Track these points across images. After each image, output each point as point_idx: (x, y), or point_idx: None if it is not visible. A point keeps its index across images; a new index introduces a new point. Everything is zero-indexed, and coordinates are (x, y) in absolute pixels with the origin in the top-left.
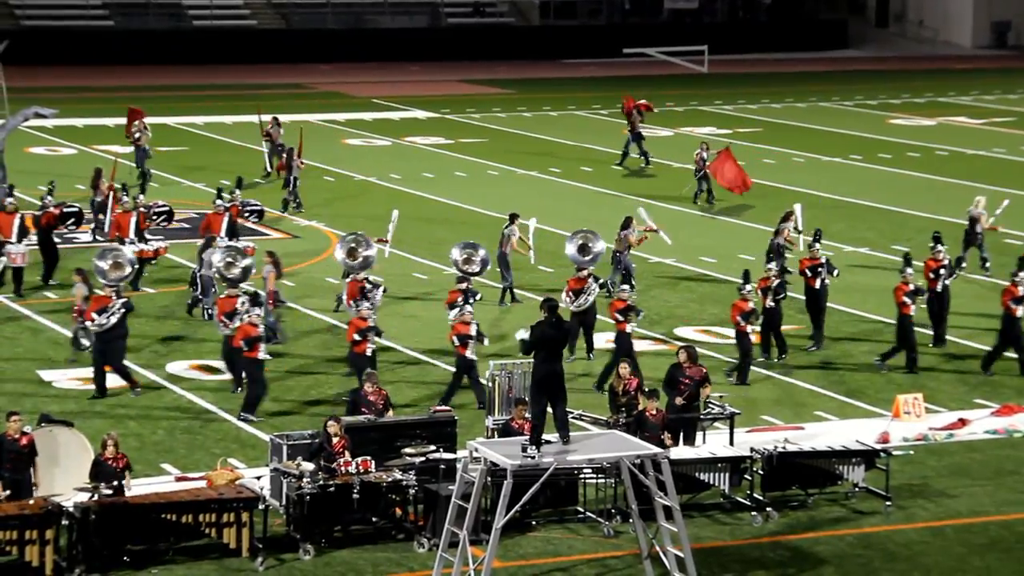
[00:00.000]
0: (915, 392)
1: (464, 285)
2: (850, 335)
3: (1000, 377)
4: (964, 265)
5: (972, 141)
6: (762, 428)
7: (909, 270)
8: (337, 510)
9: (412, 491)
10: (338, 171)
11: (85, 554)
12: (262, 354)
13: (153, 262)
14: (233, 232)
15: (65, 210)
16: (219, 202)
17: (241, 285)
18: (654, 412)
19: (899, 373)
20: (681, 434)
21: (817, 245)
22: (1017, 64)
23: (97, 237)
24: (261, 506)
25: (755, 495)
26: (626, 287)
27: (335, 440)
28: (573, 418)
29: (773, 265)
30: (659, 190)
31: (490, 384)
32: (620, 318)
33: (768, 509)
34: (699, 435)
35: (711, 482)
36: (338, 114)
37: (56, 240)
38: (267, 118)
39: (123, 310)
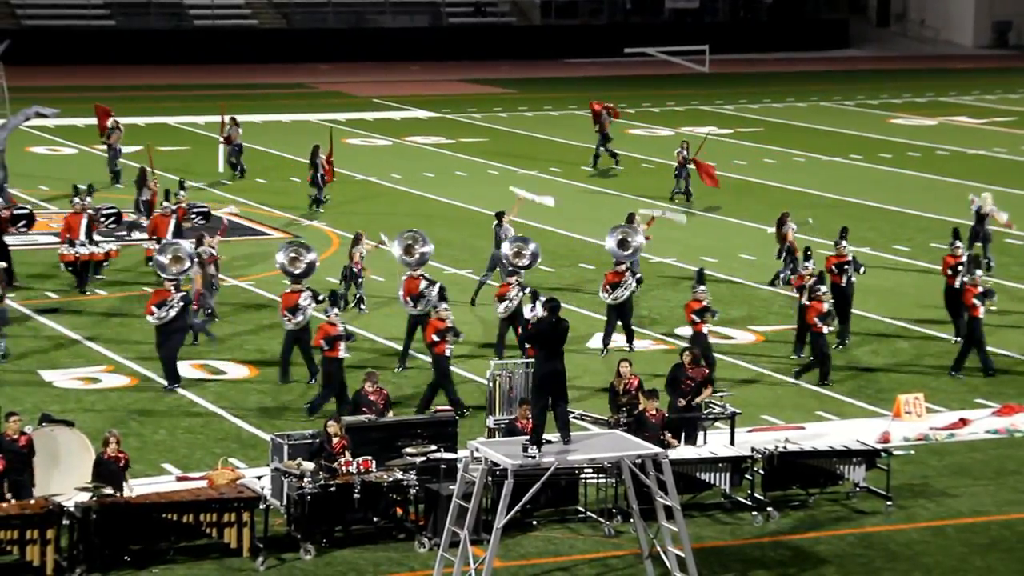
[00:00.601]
0: (916, 392)
1: (515, 279)
2: (852, 333)
3: (1000, 376)
4: (989, 264)
5: (973, 141)
6: (763, 428)
7: (979, 272)
8: (338, 510)
9: (413, 491)
10: (339, 171)
11: (86, 554)
12: (342, 352)
13: (105, 264)
14: (179, 234)
15: (15, 212)
16: (166, 204)
17: (304, 280)
18: (654, 412)
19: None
20: (683, 434)
21: (844, 243)
22: (1018, 64)
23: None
24: (262, 506)
25: (756, 495)
26: (702, 287)
27: (335, 440)
28: (574, 418)
29: (811, 264)
30: (659, 189)
31: (491, 384)
32: (696, 319)
33: (769, 509)
34: (700, 435)
35: (712, 482)
36: (339, 114)
37: (8, 241)
38: (227, 118)
39: (182, 303)
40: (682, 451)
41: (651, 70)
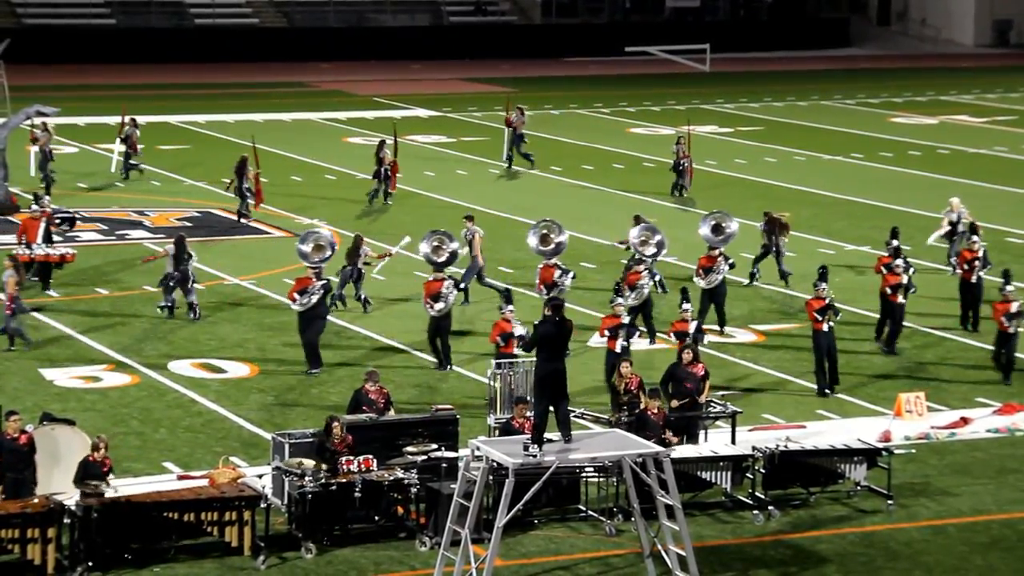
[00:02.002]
0: (917, 391)
1: (643, 267)
2: (851, 334)
3: (1000, 376)
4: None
5: (974, 139)
6: (764, 427)
7: (1009, 287)
8: (339, 509)
9: (414, 490)
10: (340, 170)
11: (87, 553)
12: (516, 349)
13: (59, 267)
14: (48, 238)
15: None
16: (35, 207)
17: (448, 269)
18: (655, 411)
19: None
20: (684, 434)
21: (895, 242)
22: (1019, 62)
23: (244, 223)
24: (263, 505)
25: (757, 494)
26: (823, 284)
27: (337, 440)
28: (575, 417)
29: (900, 261)
30: (659, 188)
31: (491, 383)
32: (819, 317)
33: (770, 508)
34: (701, 434)
35: (713, 481)
36: (339, 112)
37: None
38: (126, 119)
39: (322, 291)
40: (683, 450)
41: (652, 69)
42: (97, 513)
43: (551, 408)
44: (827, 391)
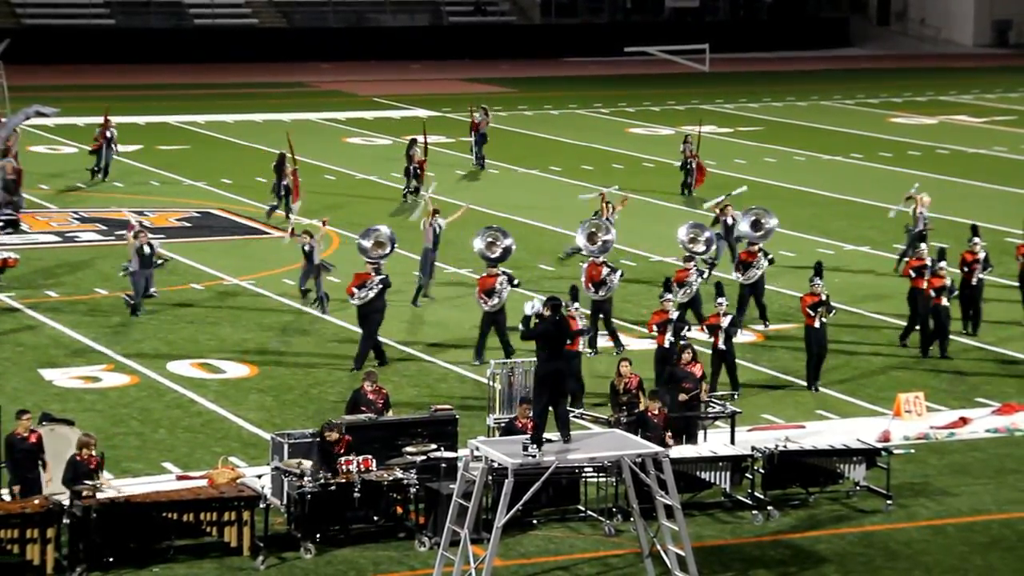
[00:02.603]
0: (916, 391)
1: (691, 265)
2: (851, 334)
3: (1000, 376)
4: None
5: (973, 140)
6: (763, 427)
7: (942, 263)
8: (338, 509)
9: (413, 490)
10: (339, 170)
11: (86, 553)
12: (581, 347)
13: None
14: None
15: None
16: None
17: (500, 265)
18: (656, 412)
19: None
20: (684, 435)
21: (923, 247)
22: (1018, 63)
23: (290, 216)
24: (262, 505)
25: (756, 494)
26: (819, 280)
27: (336, 446)
28: (574, 417)
29: (944, 263)
30: (660, 187)
31: (491, 383)
32: (811, 313)
33: (769, 508)
34: (700, 434)
35: (712, 481)
36: (339, 113)
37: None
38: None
39: (381, 286)
40: (682, 450)
41: (651, 69)
42: (96, 513)
43: (550, 407)
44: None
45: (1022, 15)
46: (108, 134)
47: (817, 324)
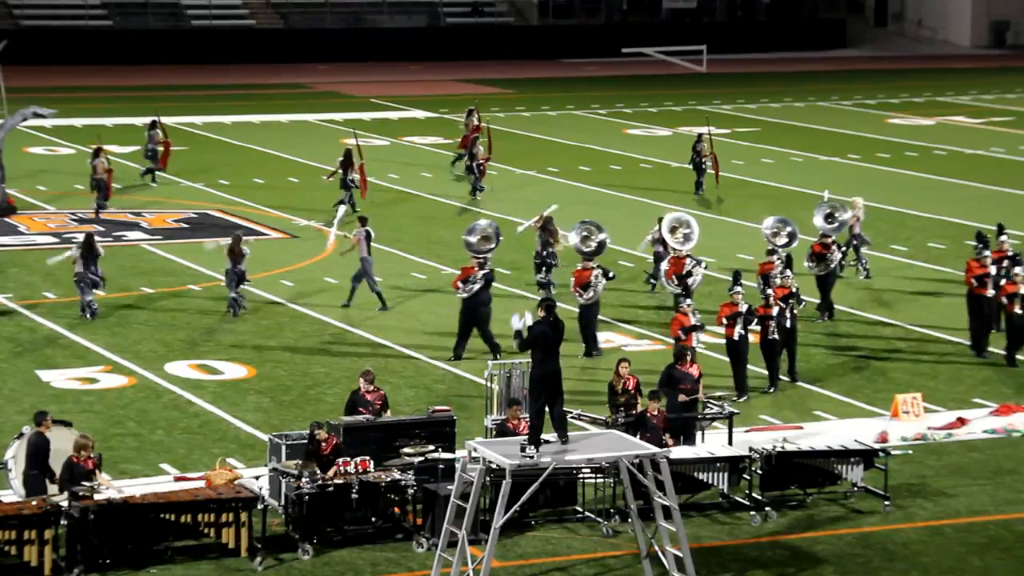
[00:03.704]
0: (914, 391)
1: (774, 258)
2: (848, 335)
3: (1000, 376)
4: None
5: (970, 140)
6: (761, 428)
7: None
8: (336, 510)
9: (411, 491)
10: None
11: (84, 554)
12: (694, 343)
13: None
14: None
15: None
16: None
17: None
18: (655, 413)
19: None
20: (682, 435)
21: (987, 252)
22: (1016, 63)
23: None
24: (260, 506)
25: (754, 495)
26: (788, 273)
27: (323, 445)
28: (571, 418)
29: (1020, 269)
30: (658, 187)
31: (488, 384)
32: (782, 305)
33: (767, 509)
34: (698, 435)
35: (710, 482)
36: (336, 114)
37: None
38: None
39: (484, 280)
40: (680, 451)
41: (649, 70)
42: (93, 515)
43: (547, 409)
44: (790, 379)
45: (1020, 16)
46: (162, 134)
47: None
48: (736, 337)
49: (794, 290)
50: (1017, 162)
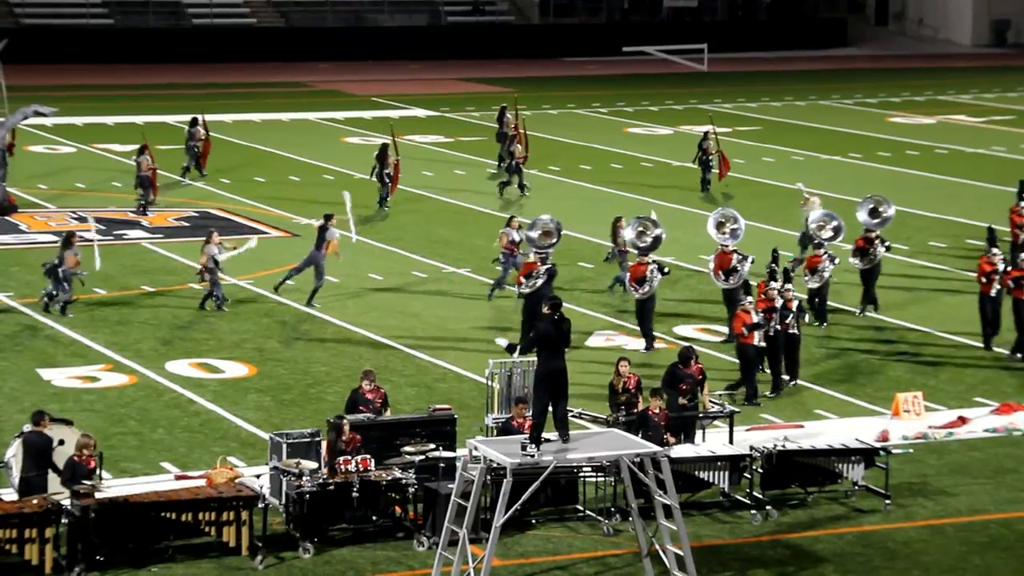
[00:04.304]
0: (914, 390)
1: (823, 251)
2: (849, 334)
3: (1001, 374)
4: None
5: (972, 139)
6: (762, 426)
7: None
8: (337, 509)
9: (412, 490)
10: (337, 169)
11: (84, 553)
12: (757, 340)
13: None
14: None
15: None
16: None
17: (651, 255)
18: (657, 412)
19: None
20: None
21: (996, 250)
22: (1017, 62)
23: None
24: (261, 505)
25: (755, 493)
26: (788, 286)
27: (346, 440)
28: (573, 416)
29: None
30: (658, 187)
31: (489, 382)
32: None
33: (768, 507)
34: (699, 433)
35: (711, 480)
36: (337, 112)
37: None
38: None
39: (547, 276)
40: (681, 450)
41: (649, 69)
42: (94, 513)
43: (550, 407)
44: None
45: (1020, 15)
46: (203, 133)
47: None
48: (771, 333)
49: (796, 303)
50: (1018, 161)
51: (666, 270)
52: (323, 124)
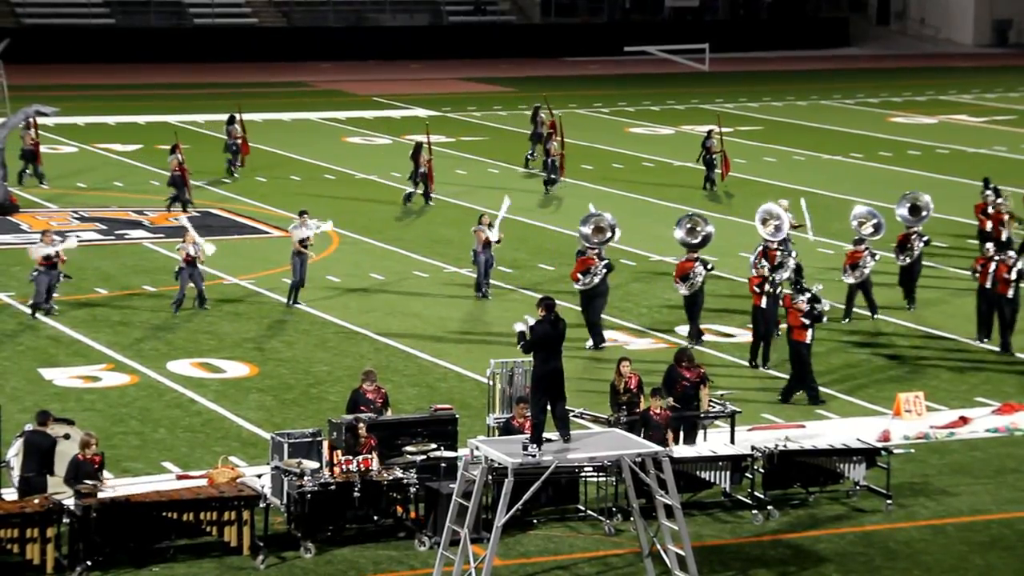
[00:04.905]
0: (916, 390)
1: (864, 247)
2: (850, 334)
3: (1002, 374)
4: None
5: (973, 139)
6: (763, 426)
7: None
8: (338, 508)
9: (413, 489)
10: (339, 169)
11: (86, 552)
12: (809, 338)
13: None
14: None
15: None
16: None
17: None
18: (659, 412)
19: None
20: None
21: (1012, 253)
22: (1018, 62)
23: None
24: (262, 504)
25: (756, 493)
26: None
27: (361, 441)
28: (574, 416)
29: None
30: (663, 186)
31: (490, 382)
32: (756, 290)
33: (769, 507)
34: (700, 434)
35: (712, 480)
36: (339, 112)
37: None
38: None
39: (605, 271)
40: (682, 450)
41: (651, 68)
42: (96, 513)
43: (549, 407)
44: (756, 364)
45: (1022, 15)
46: (240, 131)
47: (763, 303)
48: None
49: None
50: (1019, 160)
51: (710, 266)
52: (324, 124)
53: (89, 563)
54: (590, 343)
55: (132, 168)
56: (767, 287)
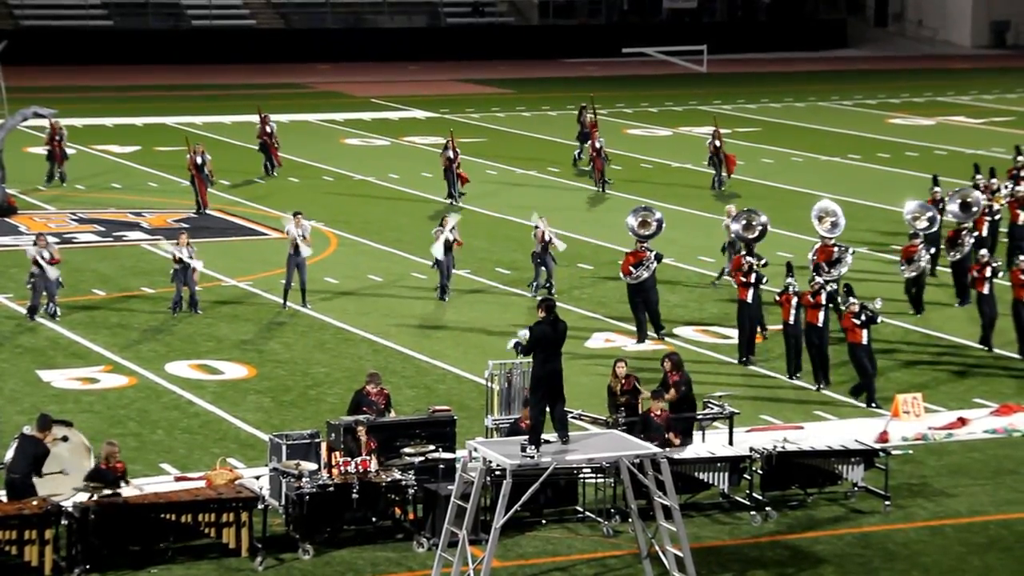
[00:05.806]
0: (914, 391)
1: (919, 241)
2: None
3: (1000, 376)
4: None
5: (971, 140)
6: (761, 428)
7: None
8: (336, 510)
9: (411, 491)
10: (337, 171)
11: (84, 554)
12: (864, 339)
13: None
14: None
15: None
16: None
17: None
18: (659, 413)
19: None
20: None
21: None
22: (1016, 64)
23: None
24: (260, 506)
25: (754, 495)
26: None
27: (362, 443)
28: (572, 418)
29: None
30: (659, 188)
31: (488, 384)
32: (743, 279)
33: (767, 509)
34: (697, 435)
35: (710, 482)
36: (337, 114)
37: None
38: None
39: (656, 263)
40: (680, 451)
41: (649, 70)
42: (94, 515)
43: (548, 409)
44: (745, 361)
45: (1020, 16)
46: (268, 129)
47: (749, 298)
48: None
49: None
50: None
51: (764, 262)
52: (323, 126)
53: (87, 565)
54: (633, 343)
55: (130, 170)
56: (752, 277)
